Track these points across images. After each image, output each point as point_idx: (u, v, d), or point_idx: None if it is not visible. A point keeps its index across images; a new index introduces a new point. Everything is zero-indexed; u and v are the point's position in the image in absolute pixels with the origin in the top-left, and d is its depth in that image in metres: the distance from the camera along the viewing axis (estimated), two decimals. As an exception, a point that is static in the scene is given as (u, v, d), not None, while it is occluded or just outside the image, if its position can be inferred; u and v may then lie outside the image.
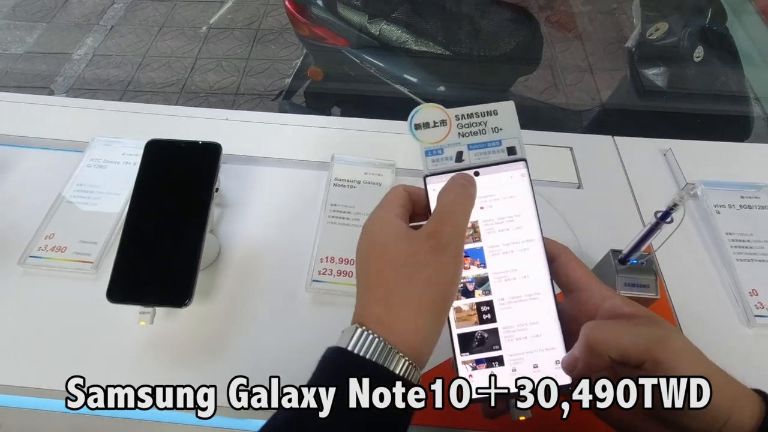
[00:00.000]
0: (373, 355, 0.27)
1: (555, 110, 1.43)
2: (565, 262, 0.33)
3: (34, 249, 0.50)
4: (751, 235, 0.53)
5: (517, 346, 0.32)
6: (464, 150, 0.33)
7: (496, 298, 0.33)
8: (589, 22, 2.11)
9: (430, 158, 0.34)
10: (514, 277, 0.33)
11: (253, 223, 0.55)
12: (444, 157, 0.34)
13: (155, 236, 0.45)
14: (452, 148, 0.33)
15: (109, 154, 0.58)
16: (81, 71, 1.95)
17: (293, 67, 1.42)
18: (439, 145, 0.34)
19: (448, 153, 0.33)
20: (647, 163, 0.63)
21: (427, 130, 0.34)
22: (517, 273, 0.33)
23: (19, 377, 0.43)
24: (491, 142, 0.34)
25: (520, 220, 0.33)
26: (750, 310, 0.48)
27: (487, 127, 0.34)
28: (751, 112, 1.03)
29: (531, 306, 0.33)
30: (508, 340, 0.32)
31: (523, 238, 0.33)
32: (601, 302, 0.31)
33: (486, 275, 0.33)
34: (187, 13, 2.22)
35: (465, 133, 0.34)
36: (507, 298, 0.33)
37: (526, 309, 0.33)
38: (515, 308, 0.33)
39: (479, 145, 0.34)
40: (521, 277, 0.33)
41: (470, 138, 0.34)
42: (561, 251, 0.33)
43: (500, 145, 0.34)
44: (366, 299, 0.30)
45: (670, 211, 0.38)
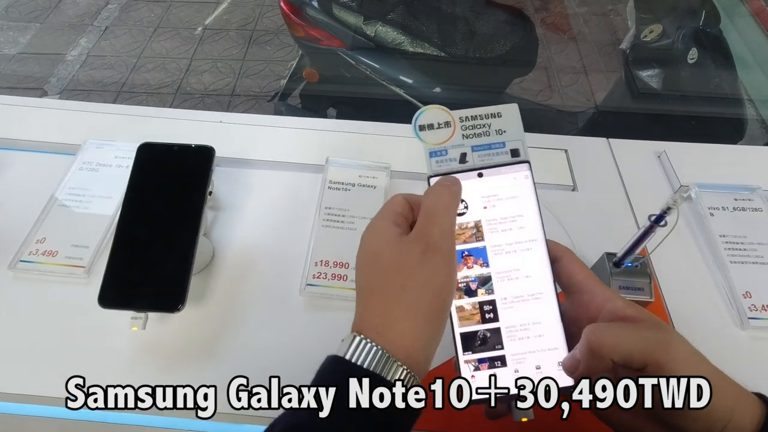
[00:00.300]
0: (371, 365, 0.27)
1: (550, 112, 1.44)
2: (567, 264, 0.33)
3: (24, 253, 0.49)
4: (745, 238, 0.53)
5: (520, 345, 0.32)
6: (468, 151, 0.34)
7: (498, 297, 0.33)
8: (584, 24, 2.12)
9: (434, 159, 0.34)
10: (517, 276, 0.33)
11: (247, 226, 0.54)
12: (448, 158, 0.34)
13: (148, 240, 0.44)
14: (456, 150, 0.34)
15: (101, 157, 0.58)
16: (75, 72, 1.94)
17: (289, 69, 1.41)
18: (443, 146, 0.34)
19: (452, 154, 0.34)
20: (641, 165, 0.63)
21: (432, 132, 0.34)
22: (520, 273, 0.33)
23: (11, 384, 0.43)
24: (495, 143, 0.34)
25: (524, 220, 0.34)
26: (744, 312, 0.48)
27: (491, 129, 0.34)
28: (744, 114, 1.04)
29: (534, 306, 0.33)
30: (510, 340, 0.32)
31: (526, 238, 0.33)
32: (603, 304, 0.31)
33: (489, 274, 0.33)
34: (182, 14, 2.21)
35: (469, 135, 0.34)
36: (510, 297, 0.33)
37: (528, 309, 0.33)
38: (518, 308, 0.33)
39: (483, 146, 0.34)
40: (524, 276, 0.33)
41: (474, 140, 0.34)
42: (564, 253, 0.33)
43: (504, 147, 0.34)
44: (363, 307, 0.30)
45: (663, 215, 0.38)
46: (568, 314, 0.33)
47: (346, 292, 0.48)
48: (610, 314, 0.30)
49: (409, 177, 0.59)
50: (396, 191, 0.57)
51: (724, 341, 0.47)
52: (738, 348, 0.47)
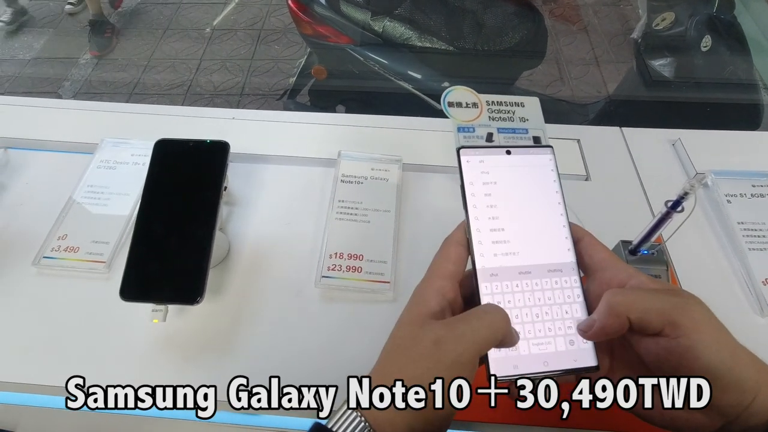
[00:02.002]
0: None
1: (561, 104, 1.43)
2: (589, 244, 0.33)
3: (47, 250, 0.50)
4: (764, 224, 0.52)
5: (547, 325, 0.32)
6: (494, 132, 0.37)
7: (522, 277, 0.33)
8: (593, 14, 2.09)
9: (461, 134, 0.37)
10: (541, 257, 0.33)
11: (262, 220, 0.55)
12: (475, 135, 0.37)
13: (166, 235, 0.45)
14: (483, 129, 0.37)
15: (118, 155, 0.59)
16: (88, 75, 1.97)
17: (297, 67, 1.42)
18: (471, 124, 0.37)
19: (479, 132, 0.37)
20: (656, 153, 0.62)
21: (460, 109, 0.37)
22: (544, 253, 0.33)
23: (35, 376, 0.44)
24: (519, 129, 0.37)
25: (548, 202, 0.34)
26: (763, 300, 0.47)
27: (515, 116, 0.37)
28: (760, 100, 1.02)
29: (559, 285, 0.33)
30: (538, 320, 0.32)
31: (551, 220, 0.34)
32: (627, 280, 0.31)
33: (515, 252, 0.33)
34: (191, 15, 2.23)
35: (495, 118, 0.37)
36: (535, 276, 0.33)
37: (553, 287, 0.33)
38: (545, 288, 0.33)
39: (508, 130, 0.37)
40: (548, 256, 0.33)
41: (500, 122, 0.37)
42: (584, 234, 0.34)
43: (527, 133, 0.37)
44: (374, 369, 0.30)
45: (680, 200, 0.37)
46: (590, 293, 0.32)
47: (360, 284, 0.48)
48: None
49: (421, 170, 0.59)
50: (408, 184, 0.58)
51: (743, 329, 0.46)
52: (758, 336, 0.46)
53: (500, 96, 0.37)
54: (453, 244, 0.33)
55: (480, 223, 0.33)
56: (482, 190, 0.33)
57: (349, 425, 0.27)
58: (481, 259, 0.32)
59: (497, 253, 0.32)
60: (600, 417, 0.40)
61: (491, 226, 0.33)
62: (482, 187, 0.33)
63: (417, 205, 0.56)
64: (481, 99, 0.36)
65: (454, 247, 0.32)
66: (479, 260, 0.32)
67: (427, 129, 0.64)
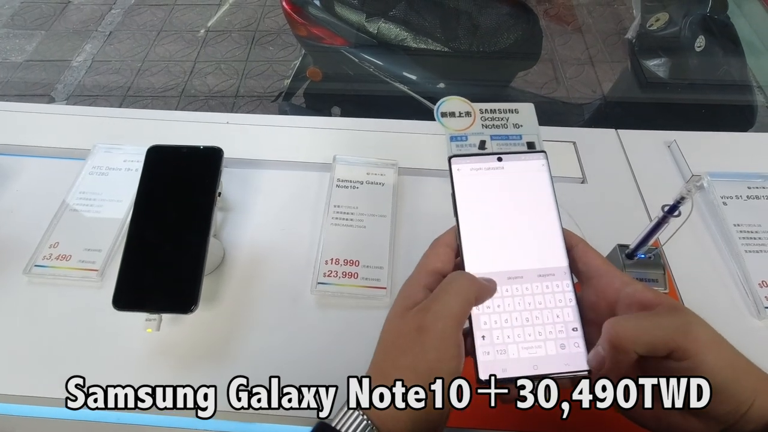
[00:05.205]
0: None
1: (556, 104, 1.43)
2: (583, 251, 0.33)
3: (38, 258, 0.50)
4: (760, 226, 0.53)
5: (537, 329, 0.32)
6: (487, 139, 0.37)
7: (515, 283, 0.33)
8: (588, 14, 2.10)
9: (454, 143, 0.37)
10: (534, 263, 0.33)
11: (257, 226, 0.55)
12: (468, 144, 0.37)
13: (159, 242, 0.45)
14: (476, 137, 0.37)
15: (110, 161, 0.58)
16: (81, 78, 1.95)
17: (292, 68, 1.41)
18: (464, 132, 0.37)
19: (471, 141, 0.37)
20: (652, 155, 0.62)
21: (453, 119, 0.37)
22: (537, 259, 0.33)
23: (28, 387, 0.43)
24: (512, 135, 0.37)
25: (541, 206, 0.34)
26: (760, 302, 0.47)
27: (509, 122, 0.37)
28: (754, 101, 1.02)
29: (551, 290, 0.33)
30: (528, 324, 0.32)
31: (543, 224, 0.34)
32: (621, 287, 0.30)
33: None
34: (185, 17, 2.22)
35: (488, 125, 0.37)
36: (527, 282, 0.33)
37: (543, 291, 0.33)
38: (535, 293, 0.33)
39: (501, 137, 0.37)
40: (541, 262, 0.33)
41: (493, 130, 0.37)
42: (578, 241, 0.33)
43: (520, 139, 0.37)
44: (371, 366, 0.31)
45: (677, 205, 0.37)
46: (585, 300, 0.32)
47: (357, 290, 0.48)
48: (628, 297, 0.30)
49: (417, 173, 0.59)
50: (404, 188, 0.58)
51: (741, 331, 0.46)
52: (755, 338, 0.46)
53: (494, 104, 0.37)
54: (442, 246, 0.33)
55: (470, 230, 0.33)
56: (473, 197, 0.34)
57: (353, 423, 0.27)
58: (470, 265, 0.33)
59: (486, 259, 0.33)
60: (597, 426, 0.40)
61: (481, 233, 0.33)
62: (473, 194, 0.34)
63: (413, 209, 0.56)
64: (474, 107, 0.36)
65: (442, 248, 0.33)
66: (468, 266, 0.33)
67: (422, 132, 0.64)
